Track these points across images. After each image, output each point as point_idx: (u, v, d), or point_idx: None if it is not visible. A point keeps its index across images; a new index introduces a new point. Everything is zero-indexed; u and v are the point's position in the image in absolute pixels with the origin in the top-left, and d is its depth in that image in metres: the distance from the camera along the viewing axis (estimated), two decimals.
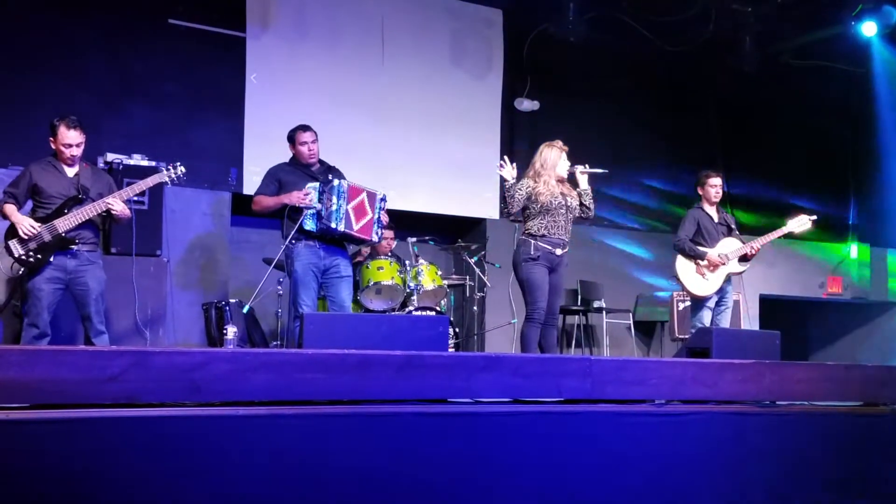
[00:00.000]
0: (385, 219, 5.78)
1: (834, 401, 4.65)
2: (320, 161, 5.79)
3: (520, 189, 5.58)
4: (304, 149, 5.69)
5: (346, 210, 5.48)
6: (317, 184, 5.56)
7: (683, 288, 6.49)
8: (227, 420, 3.14)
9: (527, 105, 8.78)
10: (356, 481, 3.29)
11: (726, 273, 6.35)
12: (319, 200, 5.49)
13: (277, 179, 5.66)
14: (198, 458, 3.04)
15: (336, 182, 5.50)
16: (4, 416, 2.82)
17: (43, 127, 5.28)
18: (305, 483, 3.21)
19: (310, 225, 5.52)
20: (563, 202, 5.60)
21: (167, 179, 5.44)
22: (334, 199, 5.44)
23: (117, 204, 5.17)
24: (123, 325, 6.14)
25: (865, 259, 10.29)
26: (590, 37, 8.22)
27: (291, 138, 5.75)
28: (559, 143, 5.73)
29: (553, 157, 5.65)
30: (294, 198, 5.49)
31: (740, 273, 6.54)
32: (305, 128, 5.73)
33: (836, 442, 4.37)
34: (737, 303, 8.15)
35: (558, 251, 5.56)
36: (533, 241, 5.53)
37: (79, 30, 6.97)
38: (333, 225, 5.43)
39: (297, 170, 5.70)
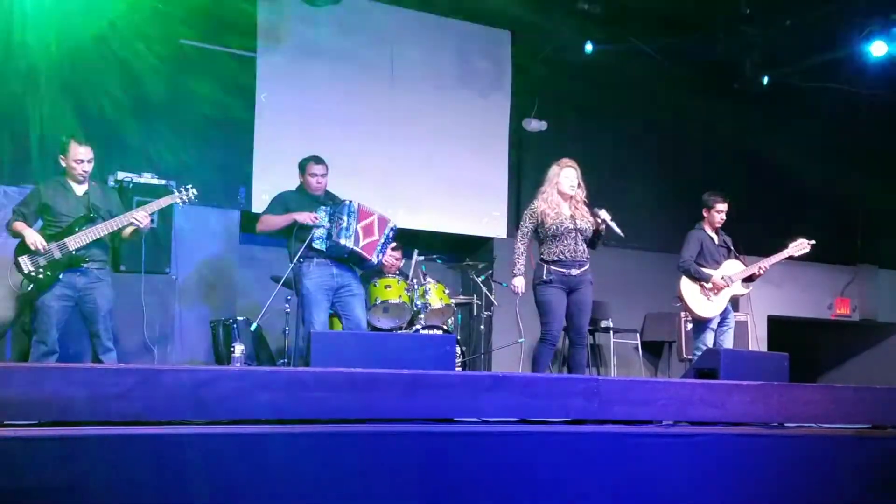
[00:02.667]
0: (391, 249, 5.79)
1: (842, 423, 4.62)
2: (326, 192, 5.82)
3: (532, 215, 5.66)
4: (312, 181, 5.72)
5: (356, 228, 5.52)
6: (327, 206, 5.61)
7: (687, 309, 6.50)
8: (235, 438, 3.15)
9: (535, 125, 8.79)
10: (362, 500, 3.29)
11: (730, 295, 6.39)
12: (329, 221, 5.53)
13: (285, 204, 5.69)
14: (205, 477, 3.04)
15: (347, 201, 5.55)
16: (12, 433, 2.83)
17: (53, 145, 5.32)
18: (311, 502, 3.21)
19: (319, 244, 5.55)
20: (573, 225, 5.63)
21: (179, 201, 5.48)
22: (345, 217, 5.49)
23: (141, 216, 5.20)
24: (132, 343, 6.16)
25: None
26: (597, 58, 8.25)
27: (302, 167, 5.77)
28: (564, 160, 5.81)
29: (552, 173, 5.76)
30: (304, 216, 5.52)
31: (744, 295, 6.56)
32: (318, 160, 5.75)
33: (844, 464, 4.33)
34: (745, 324, 8.13)
35: (574, 271, 5.59)
36: (546, 266, 5.60)
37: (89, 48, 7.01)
38: (342, 241, 5.46)
39: (305, 197, 5.73)
